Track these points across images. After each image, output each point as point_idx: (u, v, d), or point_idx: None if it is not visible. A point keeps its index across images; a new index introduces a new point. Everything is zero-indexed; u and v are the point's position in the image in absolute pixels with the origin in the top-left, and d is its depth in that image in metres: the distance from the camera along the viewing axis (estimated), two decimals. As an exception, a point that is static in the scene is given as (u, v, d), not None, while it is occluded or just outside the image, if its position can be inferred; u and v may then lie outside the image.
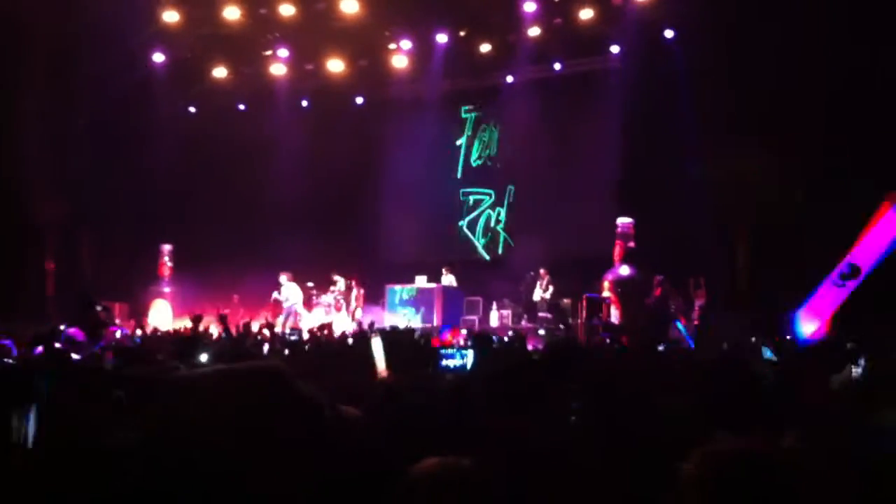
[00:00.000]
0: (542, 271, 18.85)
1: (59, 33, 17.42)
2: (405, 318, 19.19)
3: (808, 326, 3.09)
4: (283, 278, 19.77)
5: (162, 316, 20.48)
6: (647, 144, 17.98)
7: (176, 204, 21.07)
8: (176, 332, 15.81)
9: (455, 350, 7.18)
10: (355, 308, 20.39)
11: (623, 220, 17.84)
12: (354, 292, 20.30)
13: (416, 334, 12.74)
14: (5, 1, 16.31)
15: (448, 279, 19.88)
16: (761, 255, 16.42)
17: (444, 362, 7.07)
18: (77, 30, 17.29)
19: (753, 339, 10.28)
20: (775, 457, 2.29)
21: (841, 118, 14.58)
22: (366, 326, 14.97)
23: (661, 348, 11.16)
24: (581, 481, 3.38)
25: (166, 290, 21.62)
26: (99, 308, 12.16)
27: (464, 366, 6.96)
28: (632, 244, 17.66)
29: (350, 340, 12.58)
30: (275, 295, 19.97)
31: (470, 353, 6.98)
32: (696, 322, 16.49)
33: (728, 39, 15.94)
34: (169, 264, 21.84)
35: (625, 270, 17.53)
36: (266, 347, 10.08)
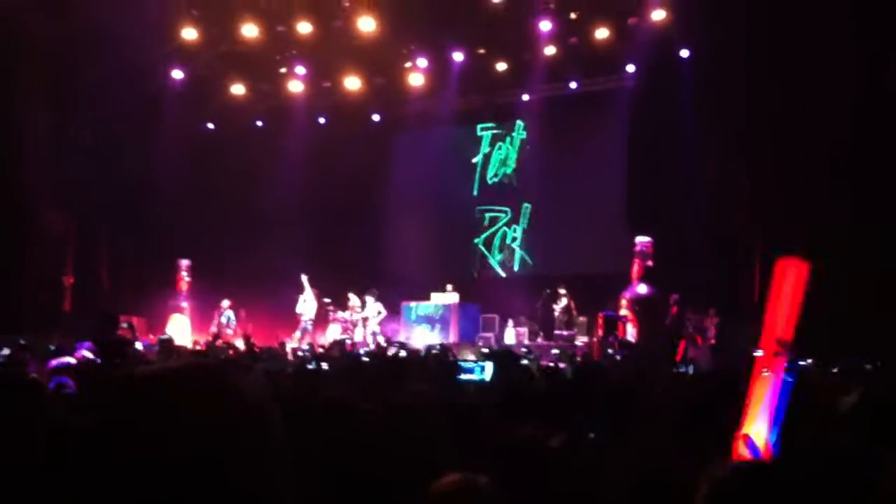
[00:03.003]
0: (559, 288, 18.84)
1: (78, 52, 17.59)
2: (422, 334, 19.28)
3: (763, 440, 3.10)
4: (304, 279, 19.92)
5: (180, 330, 20.53)
6: (661, 162, 17.98)
7: (194, 219, 21.17)
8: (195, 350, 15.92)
9: (474, 364, 7.17)
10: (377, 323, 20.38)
11: (641, 239, 17.83)
12: (375, 309, 20.26)
13: (434, 351, 12.76)
14: (21, 23, 16.47)
15: (451, 296, 19.91)
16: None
17: (464, 376, 7.06)
18: (97, 48, 17.43)
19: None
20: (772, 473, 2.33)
21: (853, 139, 14.56)
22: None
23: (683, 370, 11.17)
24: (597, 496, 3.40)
25: (184, 304, 21.67)
26: (124, 325, 12.25)
27: (482, 380, 6.95)
28: (650, 263, 17.63)
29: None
30: (300, 304, 20.10)
31: (489, 367, 6.98)
32: (711, 341, 16.46)
33: (742, 58, 15.95)
34: (186, 279, 21.92)
35: (642, 289, 17.49)
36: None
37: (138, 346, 15.19)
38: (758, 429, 3.52)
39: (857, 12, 14.29)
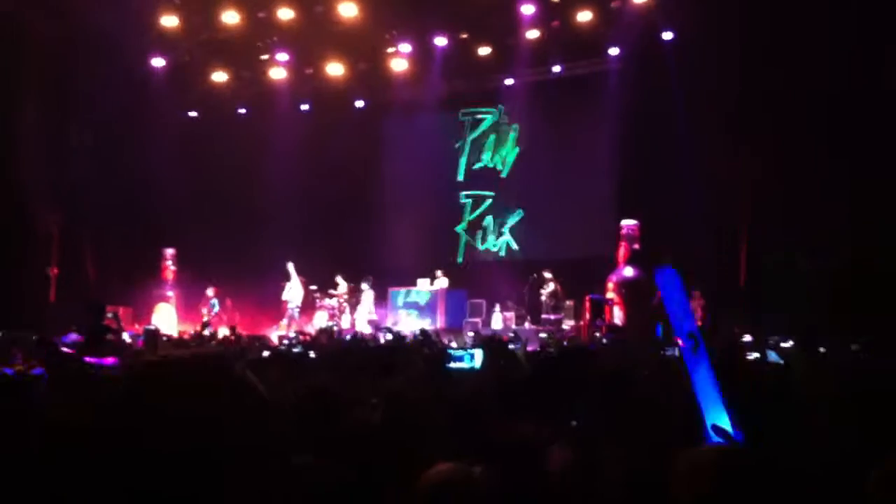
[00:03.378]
0: (545, 273, 18.86)
1: (57, 40, 17.47)
2: (409, 320, 19.28)
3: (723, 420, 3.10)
4: (290, 266, 19.93)
5: (166, 320, 20.48)
6: (646, 146, 17.99)
7: (178, 208, 21.07)
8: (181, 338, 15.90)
9: (463, 352, 7.12)
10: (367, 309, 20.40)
11: (628, 222, 17.89)
12: (366, 294, 20.27)
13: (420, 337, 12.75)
14: (3, 9, 16.33)
15: (441, 282, 19.93)
16: (759, 253, 16.46)
17: (453, 364, 7.01)
18: (75, 36, 17.32)
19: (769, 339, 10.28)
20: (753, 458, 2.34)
21: (841, 119, 14.60)
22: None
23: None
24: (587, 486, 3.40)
25: (169, 293, 21.65)
26: (109, 315, 12.20)
27: (472, 368, 6.92)
28: (636, 246, 17.68)
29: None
30: (286, 291, 20.11)
31: (478, 354, 6.94)
32: (697, 323, 16.50)
33: (726, 40, 15.96)
34: (172, 268, 21.88)
35: (629, 272, 17.55)
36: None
37: (125, 336, 15.21)
38: (719, 415, 3.53)
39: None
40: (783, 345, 9.81)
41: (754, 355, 8.75)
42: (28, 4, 16.56)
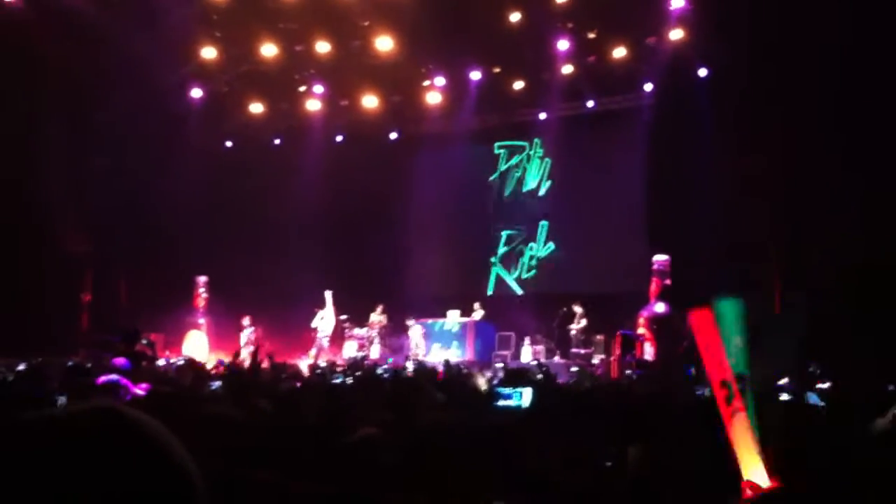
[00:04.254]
0: (575, 306, 18.82)
1: (95, 69, 17.76)
2: (437, 352, 19.28)
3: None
4: (328, 295, 20.01)
5: (197, 347, 20.61)
6: (679, 181, 17.96)
7: (211, 236, 21.27)
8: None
9: (512, 390, 7.05)
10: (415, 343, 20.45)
11: (659, 258, 17.82)
12: (413, 329, 20.31)
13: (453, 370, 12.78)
14: (44, 41, 16.64)
15: (479, 314, 19.94)
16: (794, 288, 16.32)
17: (502, 402, 6.97)
18: (115, 65, 17.61)
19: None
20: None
21: (876, 157, 14.51)
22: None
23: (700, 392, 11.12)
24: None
25: (201, 321, 21.77)
26: (144, 341, 12.27)
27: (519, 406, 6.88)
28: (668, 281, 17.60)
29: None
30: (316, 319, 20.20)
31: (527, 393, 6.88)
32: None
33: (760, 76, 15.97)
34: (204, 295, 22.02)
35: (660, 308, 17.45)
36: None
37: (160, 362, 15.35)
38: (755, 470, 3.51)
39: (878, 25, 14.24)
40: (820, 385, 9.70)
41: (786, 397, 8.63)
42: (67, 35, 16.85)
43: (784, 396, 8.57)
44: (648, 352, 17.17)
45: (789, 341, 13.09)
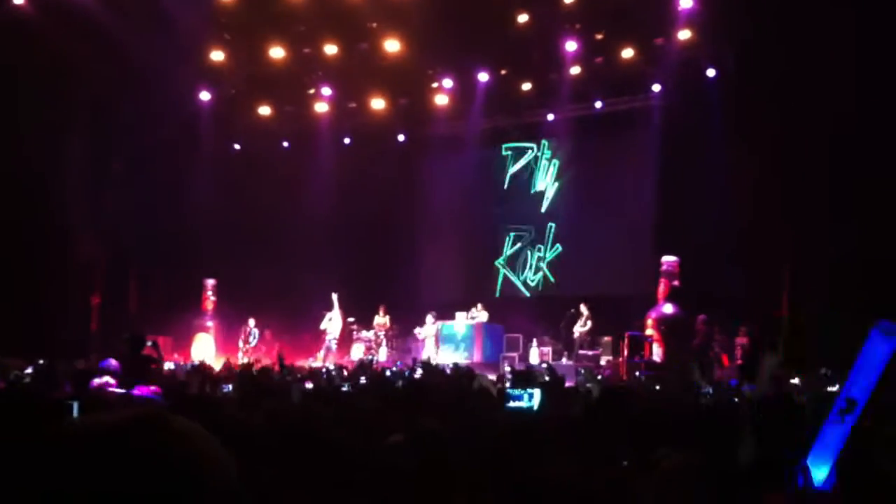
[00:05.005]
0: (581, 307, 18.83)
1: (105, 72, 17.81)
2: (446, 354, 19.28)
3: (820, 471, 3.07)
4: (334, 297, 20.04)
5: (205, 350, 20.67)
6: (687, 182, 17.93)
7: (219, 239, 21.32)
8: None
9: (522, 391, 7.04)
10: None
11: (668, 259, 17.79)
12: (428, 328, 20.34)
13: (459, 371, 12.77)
14: (51, 43, 16.69)
15: (481, 315, 19.90)
16: (802, 293, 16.25)
17: (512, 403, 6.97)
18: (124, 68, 17.66)
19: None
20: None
21: (888, 159, 14.46)
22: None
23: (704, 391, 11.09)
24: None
25: (209, 324, 21.82)
26: (149, 343, 12.28)
27: (531, 408, 6.87)
28: (676, 283, 17.57)
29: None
30: (325, 321, 20.23)
31: (537, 394, 6.86)
32: (738, 362, 16.33)
33: (769, 77, 15.96)
34: (212, 298, 22.05)
35: (668, 309, 17.43)
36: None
37: (168, 365, 15.39)
38: (818, 461, 3.52)
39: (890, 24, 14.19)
40: (830, 389, 9.65)
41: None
42: (83, 40, 16.90)
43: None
44: (657, 353, 17.16)
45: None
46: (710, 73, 18.25)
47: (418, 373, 14.17)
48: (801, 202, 15.33)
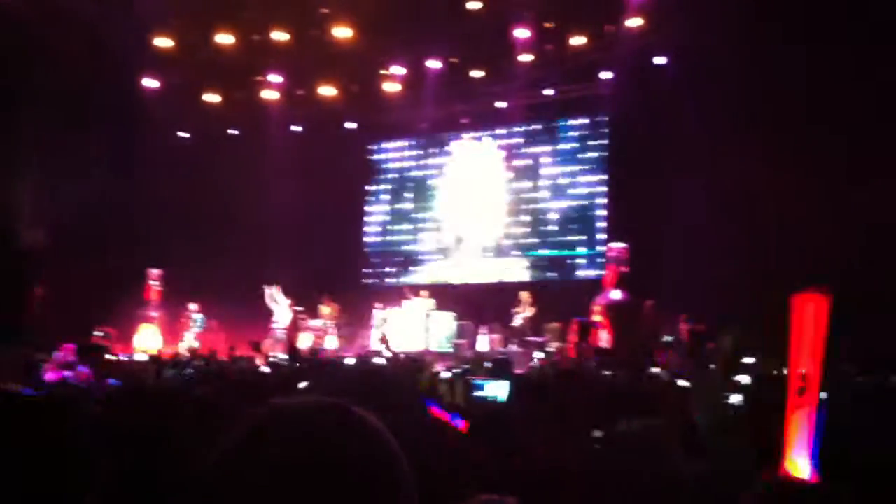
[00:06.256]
0: (522, 295, 18.97)
1: (49, 60, 17.47)
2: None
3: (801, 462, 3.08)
4: (276, 288, 19.90)
5: (149, 341, 20.37)
6: (638, 169, 18.15)
7: (165, 228, 21.03)
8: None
9: (488, 381, 7.00)
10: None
11: (616, 245, 17.95)
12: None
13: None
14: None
15: (430, 303, 19.91)
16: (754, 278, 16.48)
17: (477, 393, 6.97)
18: (66, 54, 17.33)
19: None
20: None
21: (837, 136, 14.72)
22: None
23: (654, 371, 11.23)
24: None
25: (154, 314, 21.50)
26: (101, 334, 12.05)
27: (495, 398, 6.85)
28: (624, 269, 17.74)
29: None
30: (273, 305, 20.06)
31: (503, 385, 6.84)
32: (686, 347, 16.54)
33: (720, 63, 16.17)
34: (157, 288, 21.74)
35: (616, 295, 17.60)
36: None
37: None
38: (797, 460, 3.56)
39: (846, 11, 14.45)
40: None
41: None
42: (25, 21, 16.56)
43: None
44: (604, 339, 17.31)
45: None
46: (661, 60, 18.46)
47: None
48: (754, 189, 15.52)
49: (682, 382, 8.43)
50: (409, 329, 19.52)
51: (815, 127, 14.93)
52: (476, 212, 22.41)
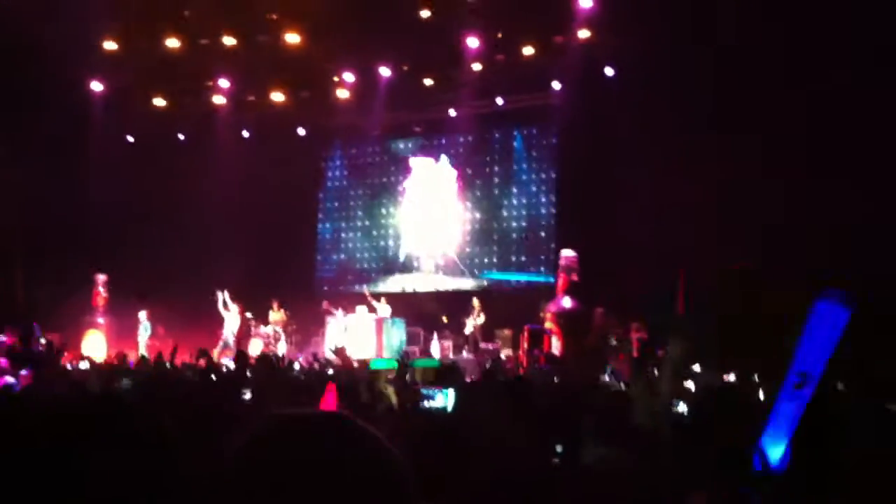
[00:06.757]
0: (474, 301, 19.04)
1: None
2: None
3: (775, 451, 3.11)
4: (225, 294, 19.67)
5: (95, 347, 20.04)
6: (587, 177, 18.30)
7: (112, 233, 20.74)
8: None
9: (437, 391, 6.96)
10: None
11: (567, 253, 18.07)
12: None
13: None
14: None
15: (384, 309, 19.85)
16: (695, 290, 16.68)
17: (426, 403, 6.92)
18: (21, 60, 17.05)
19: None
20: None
21: (783, 147, 14.98)
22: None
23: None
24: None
25: (100, 320, 21.20)
26: (42, 340, 11.82)
27: (444, 407, 6.81)
28: (575, 277, 17.86)
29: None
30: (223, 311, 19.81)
31: (451, 394, 6.79)
32: (635, 354, 16.69)
33: (666, 75, 16.39)
34: (103, 294, 21.43)
35: (567, 303, 17.72)
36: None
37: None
38: (773, 442, 3.59)
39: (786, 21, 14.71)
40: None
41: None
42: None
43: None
44: (556, 346, 17.42)
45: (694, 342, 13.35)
46: (609, 71, 18.65)
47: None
48: (700, 197, 15.72)
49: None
50: (362, 336, 19.43)
51: (766, 133, 15.19)
52: (430, 231, 22.41)
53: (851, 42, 14.39)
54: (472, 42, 18.90)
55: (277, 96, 21.40)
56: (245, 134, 22.89)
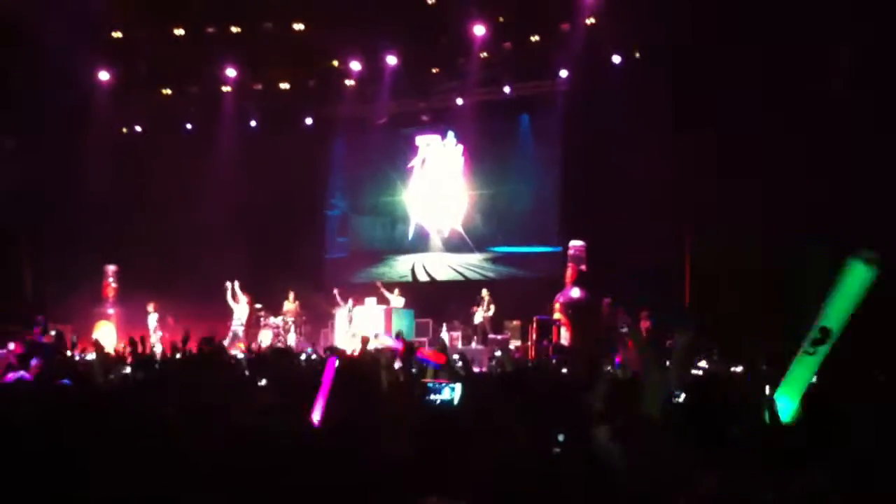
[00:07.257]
0: (483, 293, 18.97)
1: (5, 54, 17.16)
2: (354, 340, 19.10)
3: (790, 404, 3.09)
4: (235, 284, 19.63)
5: (106, 338, 20.04)
6: (594, 166, 18.17)
7: (122, 224, 20.75)
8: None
9: (443, 385, 6.87)
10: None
11: (575, 243, 17.98)
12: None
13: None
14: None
15: (398, 301, 19.80)
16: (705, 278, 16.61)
17: (431, 397, 6.82)
18: (21, 44, 17.03)
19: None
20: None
21: (790, 140, 14.84)
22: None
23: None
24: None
25: (110, 311, 21.24)
26: (52, 333, 11.81)
27: (451, 401, 6.72)
28: (583, 267, 17.78)
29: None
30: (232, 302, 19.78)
31: (458, 388, 6.69)
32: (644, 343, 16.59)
33: (674, 63, 16.25)
34: (113, 285, 21.46)
35: (576, 293, 17.64)
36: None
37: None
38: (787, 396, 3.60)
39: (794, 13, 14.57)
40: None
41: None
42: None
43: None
44: (564, 337, 17.36)
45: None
46: (616, 59, 18.51)
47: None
48: (706, 187, 15.61)
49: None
50: (370, 327, 19.36)
51: (769, 127, 15.06)
52: (437, 208, 22.32)
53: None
54: (479, 30, 18.79)
55: (284, 85, 21.32)
56: (252, 123, 22.80)
